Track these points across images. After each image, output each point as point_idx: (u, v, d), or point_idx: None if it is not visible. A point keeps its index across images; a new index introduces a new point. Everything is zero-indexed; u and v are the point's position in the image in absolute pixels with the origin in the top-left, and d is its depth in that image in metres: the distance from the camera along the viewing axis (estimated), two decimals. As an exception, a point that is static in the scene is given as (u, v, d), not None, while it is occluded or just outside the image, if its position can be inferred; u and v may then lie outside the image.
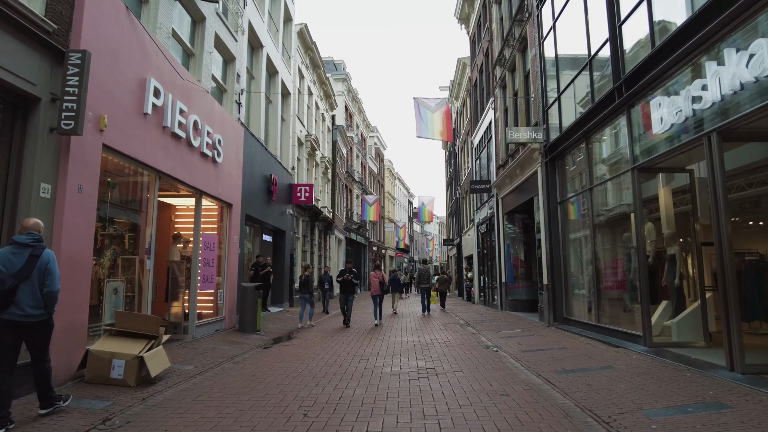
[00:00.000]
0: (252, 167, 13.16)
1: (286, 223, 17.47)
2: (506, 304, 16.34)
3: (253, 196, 13.33)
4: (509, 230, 16.57)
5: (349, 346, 8.93)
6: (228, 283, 11.07)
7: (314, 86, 24.10)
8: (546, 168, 11.81)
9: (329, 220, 26.09)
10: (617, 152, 8.79)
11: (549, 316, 11.51)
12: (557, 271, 11.30)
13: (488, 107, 18.76)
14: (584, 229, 10.33)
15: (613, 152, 9.07)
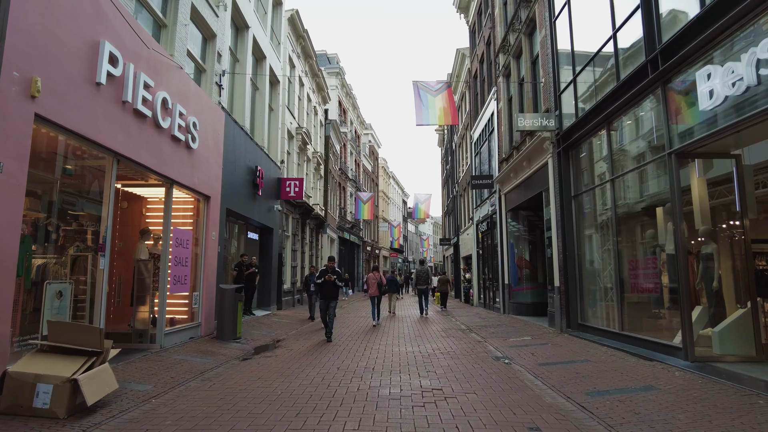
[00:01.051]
0: (234, 157, 11.99)
1: (274, 220, 16.29)
2: (509, 307, 15.26)
3: (236, 189, 12.16)
4: (513, 228, 15.49)
5: (340, 359, 7.79)
6: (205, 285, 9.89)
7: (306, 77, 22.94)
8: (558, 159, 10.74)
9: (321, 218, 24.93)
10: (646, 137, 7.72)
11: (561, 321, 10.44)
12: (571, 272, 10.22)
13: (490, 98, 17.70)
14: (604, 225, 9.26)
15: (640, 137, 8.00)
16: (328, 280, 10.59)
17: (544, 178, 11.72)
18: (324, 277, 10.66)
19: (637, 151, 8.11)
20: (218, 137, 10.67)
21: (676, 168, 6.67)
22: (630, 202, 8.39)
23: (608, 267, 9.19)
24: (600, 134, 9.18)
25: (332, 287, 10.63)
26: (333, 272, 10.73)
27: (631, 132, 8.33)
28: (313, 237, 24.70)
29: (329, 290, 10.63)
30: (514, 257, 15.22)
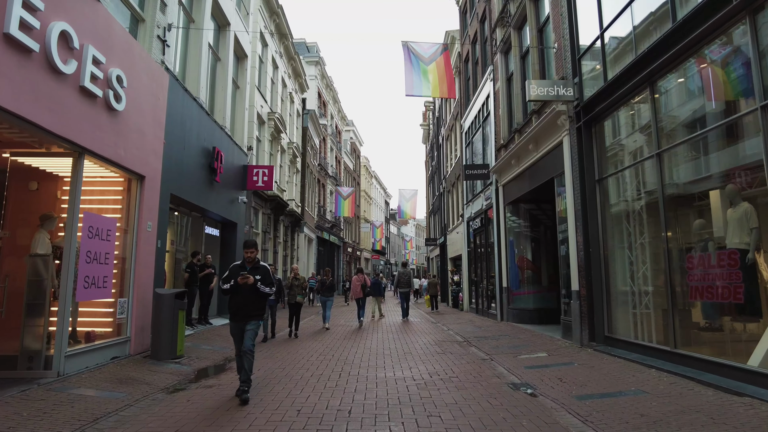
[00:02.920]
0: (184, 133, 9.83)
1: (239, 213, 14.12)
2: (508, 314, 13.38)
3: (186, 171, 10.00)
4: (513, 224, 13.63)
5: (304, 392, 5.72)
6: (137, 290, 7.72)
7: (281, 59, 20.82)
8: (578, 136, 8.88)
9: (297, 215, 22.79)
10: (713, 93, 5.86)
11: (582, 333, 8.55)
12: (595, 273, 8.34)
13: (484, 80, 15.86)
14: (645, 213, 7.40)
15: (698, 97, 6.15)
16: (242, 283, 5.46)
17: (557, 161, 9.87)
18: (235, 279, 5.52)
19: (693, 115, 6.26)
20: (159, 104, 8.52)
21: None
22: (691, 181, 6.53)
23: (643, 267, 7.34)
24: (637, 99, 7.34)
25: (252, 297, 5.55)
26: (254, 269, 5.63)
27: (682, 92, 6.49)
28: (288, 236, 22.54)
29: (247, 301, 5.54)
30: (514, 257, 13.34)
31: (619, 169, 8.04)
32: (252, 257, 5.71)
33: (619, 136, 8.12)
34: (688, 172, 6.48)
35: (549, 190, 11.34)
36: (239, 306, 5.57)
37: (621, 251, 8.05)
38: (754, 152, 5.17)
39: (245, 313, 5.56)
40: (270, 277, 5.73)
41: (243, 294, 5.55)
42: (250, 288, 5.53)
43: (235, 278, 5.53)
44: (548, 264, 13.02)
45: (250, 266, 5.67)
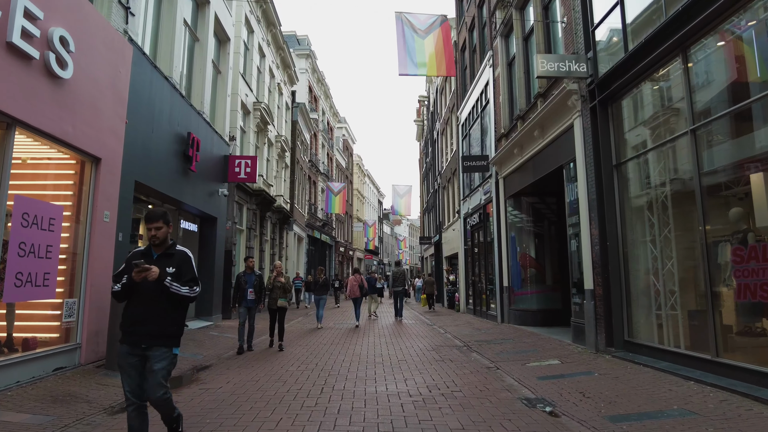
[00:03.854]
0: (152, 113, 8.79)
1: (219, 207, 13.07)
2: (509, 315, 12.44)
3: (155, 157, 8.96)
4: (514, 219, 12.70)
5: (277, 412, 4.72)
6: (89, 289, 6.68)
7: (268, 48, 19.78)
8: (592, 117, 7.95)
9: (286, 212, 21.74)
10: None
11: (597, 337, 7.62)
12: (613, 270, 7.41)
13: (483, 67, 14.93)
14: (671, 201, 6.48)
15: (741, 61, 5.24)
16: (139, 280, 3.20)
17: (567, 147, 8.94)
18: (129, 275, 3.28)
19: (734, 86, 5.34)
20: (120, 78, 7.48)
21: None
22: (724, 163, 5.61)
23: (669, 262, 6.42)
24: (665, 70, 6.41)
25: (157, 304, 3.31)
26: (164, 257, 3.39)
27: (721, 58, 5.57)
28: (276, 233, 21.49)
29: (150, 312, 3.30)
30: (516, 254, 12.41)
31: (640, 152, 7.11)
32: (159, 237, 3.40)
33: (640, 114, 7.20)
34: (730, 152, 5.55)
35: (556, 181, 10.43)
36: (135, 319, 3.29)
37: (642, 245, 7.12)
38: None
39: (146, 331, 3.26)
40: (192, 270, 3.43)
41: (142, 298, 3.29)
42: (153, 288, 3.24)
43: (130, 273, 3.25)
44: (553, 261, 12.10)
45: (159, 252, 3.41)
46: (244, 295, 8.77)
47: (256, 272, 9.10)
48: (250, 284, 8.81)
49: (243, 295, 8.79)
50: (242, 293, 8.78)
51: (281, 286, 9.24)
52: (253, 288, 8.81)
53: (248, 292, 8.76)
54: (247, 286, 8.78)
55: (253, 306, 8.90)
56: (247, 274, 8.98)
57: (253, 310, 8.94)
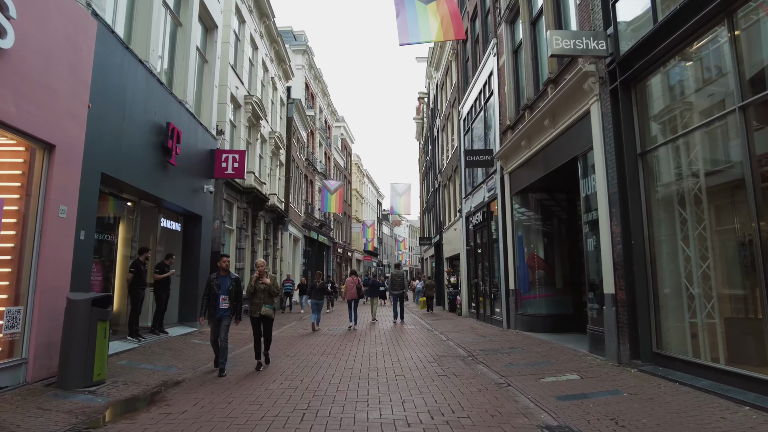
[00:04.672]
0: (123, 99, 7.93)
1: (204, 205, 12.21)
2: (516, 321, 11.58)
3: (127, 147, 8.09)
4: (522, 217, 11.84)
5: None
6: (40, 295, 5.81)
7: (261, 40, 18.94)
8: (612, 100, 7.10)
9: (280, 211, 20.88)
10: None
11: (620, 348, 6.75)
12: (639, 272, 6.54)
13: (486, 56, 14.08)
14: (706, 193, 5.62)
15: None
16: None
17: (582, 136, 8.09)
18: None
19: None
20: (81, 57, 6.62)
21: None
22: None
23: (704, 263, 5.56)
24: (702, 41, 5.56)
25: None
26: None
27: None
28: (270, 234, 20.62)
29: None
30: (523, 255, 11.54)
31: (670, 138, 6.25)
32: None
33: (671, 94, 6.34)
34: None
35: (566, 176, 9.61)
36: None
37: (672, 244, 6.26)
38: None
39: None
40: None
41: None
42: None
43: None
44: (563, 263, 11.25)
45: None
46: (215, 303, 6.99)
47: (232, 275, 7.30)
48: (223, 290, 7.03)
49: (214, 304, 7.00)
50: (213, 301, 7.01)
51: (265, 289, 7.38)
52: (227, 295, 7.03)
53: (220, 300, 6.96)
54: (219, 292, 7.00)
55: (226, 317, 7.00)
56: (220, 276, 7.15)
57: (226, 322, 6.97)
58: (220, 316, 7.00)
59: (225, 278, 7.16)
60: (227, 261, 7.32)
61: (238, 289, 7.27)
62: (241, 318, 7.48)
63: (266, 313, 7.42)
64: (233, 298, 7.10)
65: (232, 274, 7.33)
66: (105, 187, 8.19)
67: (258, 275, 7.50)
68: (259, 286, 7.43)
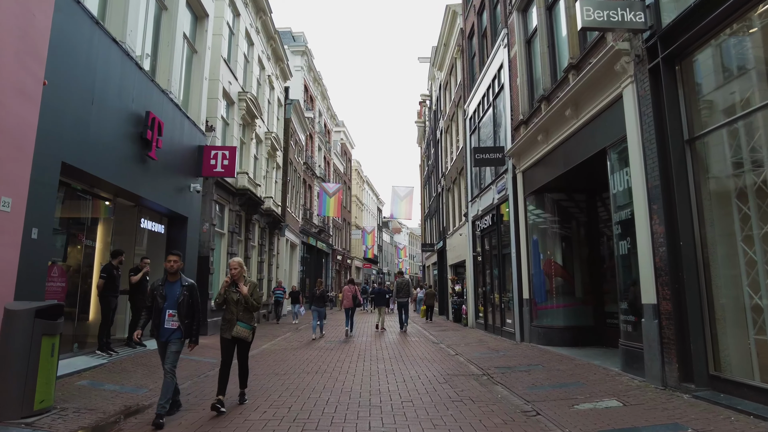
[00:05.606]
0: (93, 81, 6.99)
1: (190, 205, 11.23)
2: (531, 333, 10.56)
3: (97, 135, 7.13)
4: (537, 220, 10.86)
5: None
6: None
7: (257, 36, 18.07)
8: (652, 81, 6.15)
9: (276, 215, 19.89)
10: None
11: (665, 368, 5.74)
12: (689, 279, 5.54)
13: (496, 49, 13.18)
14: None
15: None
16: None
17: (612, 124, 7.15)
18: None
19: None
20: (34, 24, 5.67)
21: None
22: None
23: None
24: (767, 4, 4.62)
25: None
26: None
27: None
28: (265, 239, 19.62)
29: None
30: (539, 261, 10.54)
31: (726, 121, 5.28)
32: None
33: (728, 70, 5.38)
34: None
35: (588, 172, 8.68)
36: None
37: (730, 245, 5.28)
38: None
39: None
40: None
41: None
42: None
43: None
44: (583, 269, 10.26)
45: None
46: (158, 321, 4.98)
47: (185, 280, 5.19)
48: (171, 302, 5.01)
49: (157, 323, 5.00)
50: (156, 318, 4.98)
51: (238, 300, 5.45)
52: (176, 309, 4.99)
53: (166, 316, 4.96)
54: (165, 305, 4.99)
55: (174, 341, 4.95)
56: (168, 283, 5.11)
57: (173, 348, 4.95)
58: (165, 339, 4.96)
59: (174, 285, 5.12)
60: (175, 261, 5.14)
61: (192, 301, 5.11)
62: (198, 341, 5.16)
63: (240, 334, 5.43)
64: (185, 313, 5.00)
65: (185, 280, 5.21)
66: (71, 181, 7.25)
67: (230, 281, 5.54)
68: (230, 296, 5.49)
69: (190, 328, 5.07)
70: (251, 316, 5.59)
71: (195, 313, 5.13)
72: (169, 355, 4.97)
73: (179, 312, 5.01)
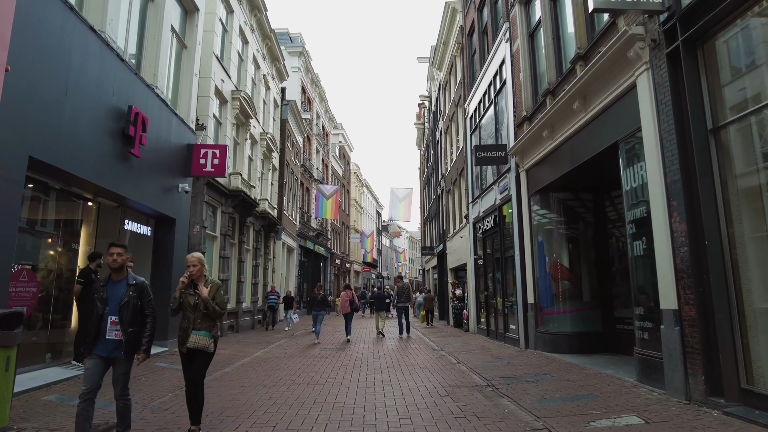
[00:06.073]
0: (67, 71, 6.51)
1: (179, 206, 10.73)
2: (536, 340, 10.04)
3: (71, 129, 6.63)
4: (542, 220, 10.35)
5: None
6: None
7: (252, 34, 17.63)
8: (670, 67, 5.66)
9: (272, 218, 19.39)
10: None
11: (688, 380, 5.23)
12: (717, 282, 5.03)
13: (497, 44, 12.72)
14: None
15: None
16: None
17: (626, 115, 6.66)
18: None
19: None
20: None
21: None
22: None
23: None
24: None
25: None
26: None
27: None
28: (261, 242, 19.10)
29: None
30: (544, 264, 10.03)
31: (756, 107, 4.79)
32: None
33: (753, 53, 4.89)
34: None
35: (595, 169, 8.22)
36: None
37: (761, 245, 4.78)
38: None
39: None
40: None
41: None
42: None
43: None
44: (591, 272, 9.75)
45: None
46: (96, 332, 3.97)
47: (132, 278, 4.15)
48: (113, 306, 4.01)
49: (95, 334, 3.97)
50: (93, 328, 3.98)
51: (197, 304, 4.40)
52: (117, 315, 3.98)
53: (108, 324, 3.96)
54: (107, 310, 3.99)
55: (120, 358, 3.99)
56: (111, 283, 4.11)
57: (121, 368, 4.03)
58: (108, 354, 3.94)
59: (118, 285, 4.10)
60: (119, 254, 4.06)
61: (141, 302, 4.09)
62: (149, 354, 4.12)
63: (198, 343, 4.32)
64: (129, 320, 3.97)
65: (133, 278, 4.16)
66: (45, 178, 6.77)
67: (187, 280, 4.47)
68: (187, 300, 4.44)
69: (137, 338, 4.02)
70: (213, 324, 4.47)
71: (146, 319, 4.11)
72: (117, 379, 4.01)
73: (121, 318, 3.96)
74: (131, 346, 4.02)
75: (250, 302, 17.57)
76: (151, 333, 4.14)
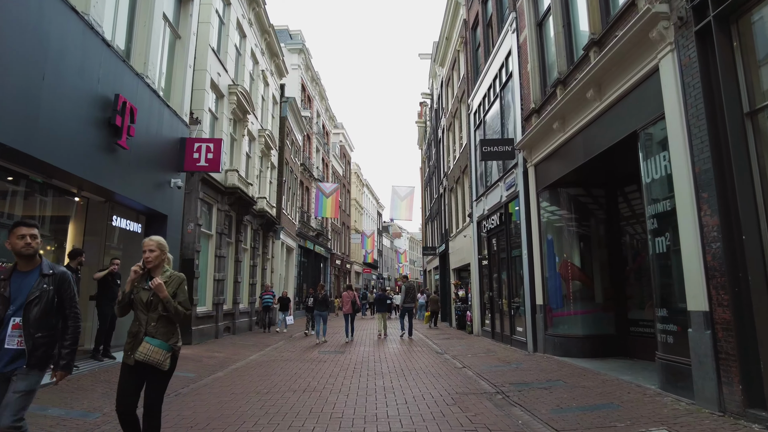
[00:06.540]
0: (44, 54, 6.04)
1: (170, 202, 10.26)
2: (546, 343, 9.55)
3: (51, 118, 6.16)
4: (552, 217, 9.87)
5: None
6: None
7: (250, 28, 17.17)
8: (699, 46, 5.18)
9: (270, 217, 18.93)
10: None
11: (721, 390, 4.74)
12: (756, 281, 4.54)
13: (503, 35, 12.25)
14: None
15: None
16: None
17: (647, 101, 6.19)
18: None
19: None
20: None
21: None
22: None
23: None
24: None
25: None
26: None
27: None
28: (258, 241, 18.63)
29: None
30: (554, 263, 9.55)
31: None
32: None
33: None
34: None
35: (608, 164, 7.75)
36: None
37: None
38: None
39: None
40: None
41: None
42: None
43: None
44: (603, 272, 9.27)
45: None
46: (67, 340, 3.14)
47: (47, 268, 3.15)
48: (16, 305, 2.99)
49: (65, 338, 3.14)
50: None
51: (150, 301, 3.37)
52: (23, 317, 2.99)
53: (9, 329, 2.95)
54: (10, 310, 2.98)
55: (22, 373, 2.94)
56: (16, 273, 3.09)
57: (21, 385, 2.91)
58: (9, 370, 2.93)
59: (26, 276, 3.09)
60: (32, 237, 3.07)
61: (60, 299, 3.13)
62: (71, 369, 3.18)
63: (148, 357, 3.22)
64: (36, 323, 3.00)
65: (49, 266, 3.18)
66: (23, 170, 6.31)
67: (140, 270, 3.45)
68: (139, 296, 3.40)
69: (48, 347, 3.01)
70: (172, 331, 3.39)
71: (66, 322, 3.14)
72: (9, 400, 2.86)
73: (26, 319, 2.95)
74: (39, 358, 2.95)
75: (248, 303, 17.10)
76: (73, 341, 3.12)
